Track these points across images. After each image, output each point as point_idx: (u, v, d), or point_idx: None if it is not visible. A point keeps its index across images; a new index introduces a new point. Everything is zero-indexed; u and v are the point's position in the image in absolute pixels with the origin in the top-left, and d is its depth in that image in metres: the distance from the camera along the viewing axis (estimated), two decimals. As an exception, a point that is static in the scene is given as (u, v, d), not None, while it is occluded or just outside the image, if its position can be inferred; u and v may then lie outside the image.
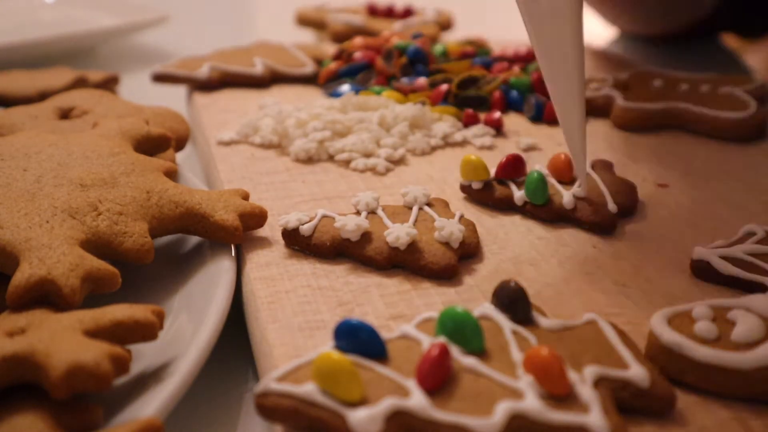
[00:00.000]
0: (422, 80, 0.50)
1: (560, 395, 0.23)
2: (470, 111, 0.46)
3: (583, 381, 0.23)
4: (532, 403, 0.22)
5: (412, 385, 0.23)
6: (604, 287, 0.31)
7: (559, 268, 0.32)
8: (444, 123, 0.45)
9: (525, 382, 0.23)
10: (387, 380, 0.23)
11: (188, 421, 0.28)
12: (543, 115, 0.47)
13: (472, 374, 0.23)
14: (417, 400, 0.22)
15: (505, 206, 0.36)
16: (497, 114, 0.46)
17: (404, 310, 0.29)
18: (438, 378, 0.23)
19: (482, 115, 0.47)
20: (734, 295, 0.30)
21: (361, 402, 0.22)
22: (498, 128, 0.46)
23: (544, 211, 0.35)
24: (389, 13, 0.71)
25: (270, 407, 0.22)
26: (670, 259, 0.33)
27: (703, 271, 0.31)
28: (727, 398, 0.25)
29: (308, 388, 0.22)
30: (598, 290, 0.30)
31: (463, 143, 0.44)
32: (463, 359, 0.24)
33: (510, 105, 0.49)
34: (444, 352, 0.23)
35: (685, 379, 0.25)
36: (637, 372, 0.24)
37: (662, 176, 0.40)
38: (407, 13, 0.71)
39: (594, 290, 0.30)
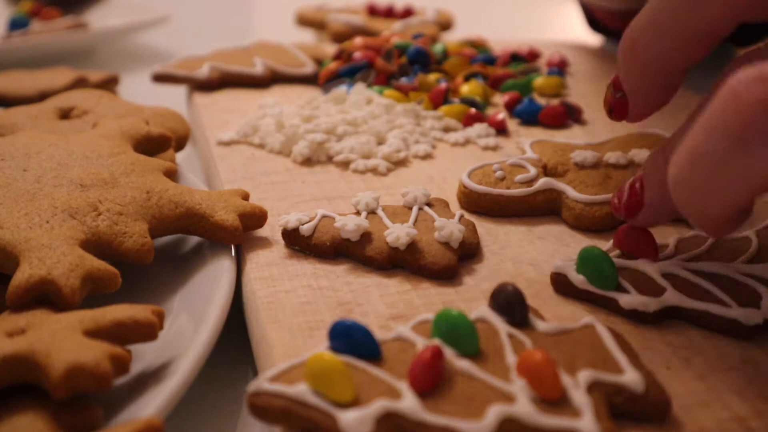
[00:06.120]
0: (419, 77, 0.50)
1: (553, 399, 0.23)
2: (472, 111, 0.46)
3: (576, 385, 0.23)
4: (523, 406, 0.22)
5: (404, 387, 0.23)
6: (604, 287, 0.31)
7: (559, 268, 0.32)
8: (444, 123, 0.45)
9: (518, 385, 0.23)
10: (379, 382, 0.23)
11: (188, 421, 0.28)
12: (538, 118, 0.47)
13: (466, 377, 0.23)
14: (408, 402, 0.22)
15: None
16: (501, 115, 0.46)
17: (404, 311, 0.29)
18: (430, 380, 0.23)
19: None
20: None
21: (353, 403, 0.22)
22: (499, 129, 0.46)
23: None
24: (389, 13, 0.71)
25: (262, 407, 0.22)
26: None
27: (561, 286, 0.30)
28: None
29: (300, 389, 0.22)
30: (598, 290, 0.30)
31: (464, 143, 0.44)
32: (457, 362, 0.24)
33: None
34: (437, 354, 0.23)
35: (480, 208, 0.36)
36: (631, 377, 0.24)
37: None
38: (407, 13, 0.71)
39: (594, 290, 0.30)
